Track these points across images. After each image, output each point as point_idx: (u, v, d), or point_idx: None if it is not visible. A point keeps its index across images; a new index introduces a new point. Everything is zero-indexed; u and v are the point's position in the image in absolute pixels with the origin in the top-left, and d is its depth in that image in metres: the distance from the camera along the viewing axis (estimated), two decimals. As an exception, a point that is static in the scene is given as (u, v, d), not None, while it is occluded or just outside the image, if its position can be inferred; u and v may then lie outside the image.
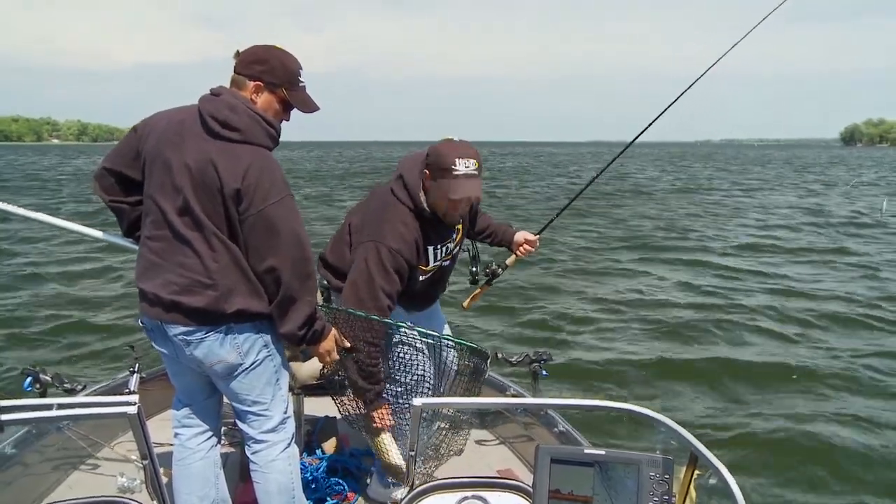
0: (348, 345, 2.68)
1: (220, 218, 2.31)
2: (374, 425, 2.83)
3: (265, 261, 2.33)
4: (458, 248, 3.11)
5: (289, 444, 2.64)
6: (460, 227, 3.06)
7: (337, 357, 2.64)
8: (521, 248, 3.42)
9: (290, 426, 2.66)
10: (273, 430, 2.60)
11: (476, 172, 2.72)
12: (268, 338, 2.50)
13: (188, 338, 2.40)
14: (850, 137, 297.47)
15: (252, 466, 2.63)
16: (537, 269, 12.16)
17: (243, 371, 2.48)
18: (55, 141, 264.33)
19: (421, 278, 2.95)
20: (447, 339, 2.89)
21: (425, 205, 2.80)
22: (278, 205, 2.30)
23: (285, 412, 2.63)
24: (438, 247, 2.94)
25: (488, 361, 2.89)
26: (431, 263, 2.94)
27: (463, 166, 2.67)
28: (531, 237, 3.40)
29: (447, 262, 3.05)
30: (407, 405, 2.85)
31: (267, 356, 2.51)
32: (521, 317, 8.95)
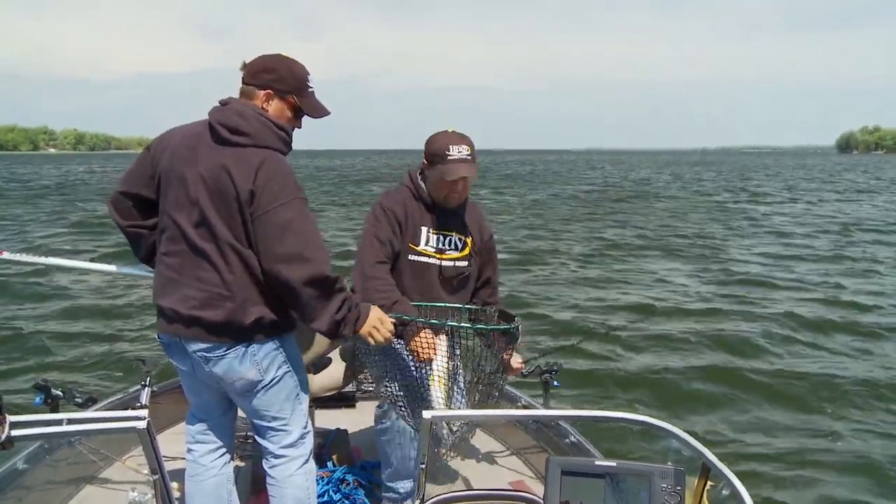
0: (389, 327, 2.54)
1: (237, 225, 2.30)
2: (422, 356, 2.74)
3: (275, 264, 2.28)
4: (466, 262, 3.05)
5: (307, 460, 2.62)
6: (469, 240, 3.05)
7: (388, 333, 2.52)
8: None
9: (309, 442, 2.64)
10: (292, 446, 2.58)
11: (470, 157, 2.91)
12: (288, 354, 2.48)
13: (208, 354, 2.38)
14: (846, 145, 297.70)
15: (269, 480, 2.61)
16: (546, 276, 12.14)
17: (263, 388, 2.45)
18: (52, 150, 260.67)
19: (410, 258, 2.96)
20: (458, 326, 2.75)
21: (424, 190, 3.00)
22: (287, 206, 2.28)
23: (305, 427, 2.61)
24: (432, 232, 2.99)
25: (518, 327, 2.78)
26: (422, 245, 2.97)
27: (456, 152, 2.88)
28: (517, 364, 3.09)
29: (448, 264, 3.01)
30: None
31: (287, 372, 2.48)
32: (530, 326, 8.92)
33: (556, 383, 3.57)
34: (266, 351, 2.41)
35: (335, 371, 3.42)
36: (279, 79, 2.41)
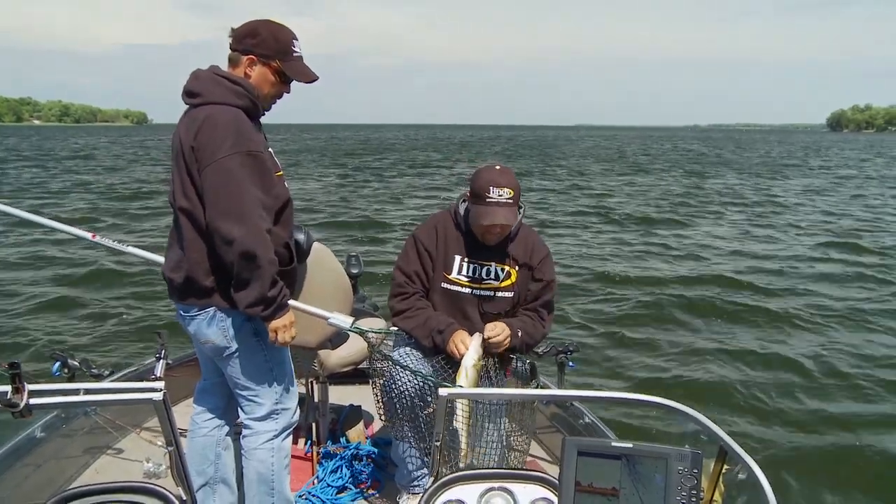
0: (292, 334, 2.47)
1: (188, 187, 2.33)
2: (457, 353, 2.80)
3: (214, 220, 2.26)
4: (510, 293, 3.01)
5: (275, 437, 2.62)
6: (514, 270, 3.00)
7: (290, 339, 2.45)
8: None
9: (283, 420, 2.63)
10: (260, 419, 2.60)
11: (510, 201, 2.81)
12: (260, 327, 2.47)
13: (184, 314, 2.49)
14: (837, 123, 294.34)
15: (241, 450, 2.66)
16: (563, 256, 12.09)
17: (230, 355, 2.49)
18: (36, 122, 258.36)
19: (443, 286, 2.97)
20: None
21: (463, 219, 2.98)
22: (227, 160, 2.25)
23: (277, 403, 2.60)
24: (467, 261, 2.96)
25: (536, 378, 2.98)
26: (455, 273, 2.97)
27: (496, 195, 2.78)
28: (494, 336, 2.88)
29: (486, 294, 2.99)
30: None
31: (257, 345, 2.50)
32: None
33: (571, 364, 3.54)
34: (235, 319, 2.44)
35: (352, 346, 3.42)
36: (261, 43, 2.40)
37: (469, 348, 2.76)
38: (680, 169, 35.89)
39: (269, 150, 2.50)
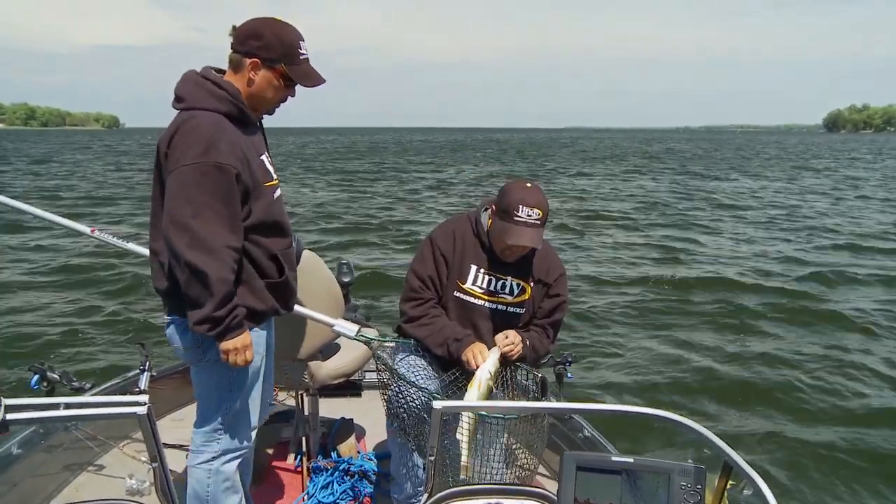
0: (246, 358, 2.32)
1: (162, 192, 2.25)
2: (472, 364, 2.73)
3: (166, 229, 2.17)
4: (522, 310, 2.93)
5: (213, 458, 2.47)
6: (528, 286, 2.93)
7: (244, 362, 2.32)
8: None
9: (225, 442, 2.47)
10: (203, 435, 2.46)
11: (538, 223, 2.73)
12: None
13: (165, 319, 2.40)
14: (834, 124, 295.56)
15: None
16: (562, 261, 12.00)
17: (201, 364, 2.38)
18: (0, 125, 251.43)
19: (456, 295, 2.89)
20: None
21: (484, 229, 2.89)
22: (189, 169, 2.13)
23: (222, 423, 2.44)
24: (482, 272, 2.89)
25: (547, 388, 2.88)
26: (469, 284, 2.88)
27: (525, 214, 2.70)
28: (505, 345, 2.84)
29: (499, 308, 2.91)
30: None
31: (226, 361, 2.35)
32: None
33: (569, 375, 3.48)
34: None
35: (344, 358, 3.36)
36: (266, 46, 2.28)
37: (486, 360, 2.69)
38: (676, 172, 36.00)
39: (263, 157, 2.39)
